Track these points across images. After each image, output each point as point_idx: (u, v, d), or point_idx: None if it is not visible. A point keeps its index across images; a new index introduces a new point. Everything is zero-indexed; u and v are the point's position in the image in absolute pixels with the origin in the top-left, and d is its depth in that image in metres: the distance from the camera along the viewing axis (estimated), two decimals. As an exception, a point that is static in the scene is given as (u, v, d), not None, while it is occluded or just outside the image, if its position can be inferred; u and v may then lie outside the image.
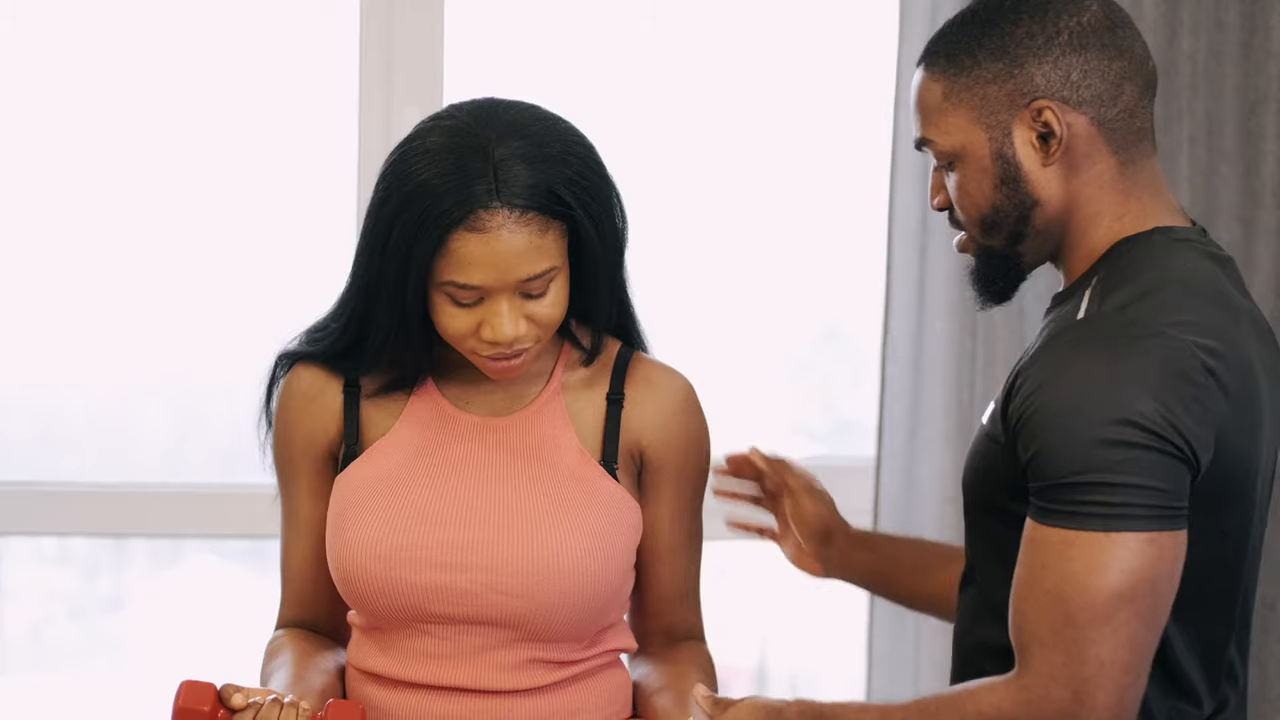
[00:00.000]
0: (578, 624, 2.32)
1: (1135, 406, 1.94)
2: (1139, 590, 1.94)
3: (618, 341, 2.41)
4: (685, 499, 2.40)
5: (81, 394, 3.90)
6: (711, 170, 3.77)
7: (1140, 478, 1.94)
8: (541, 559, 2.28)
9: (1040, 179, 2.10)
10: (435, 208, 2.19)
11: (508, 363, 2.27)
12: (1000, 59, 2.08)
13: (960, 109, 2.10)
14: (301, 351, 2.39)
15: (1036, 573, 1.97)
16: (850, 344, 3.98)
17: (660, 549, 2.40)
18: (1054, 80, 2.07)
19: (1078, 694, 1.94)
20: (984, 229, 2.13)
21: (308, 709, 2.19)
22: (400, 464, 2.34)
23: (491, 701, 2.32)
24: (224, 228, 3.76)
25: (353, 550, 2.30)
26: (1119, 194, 2.10)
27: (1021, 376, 2.03)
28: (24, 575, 3.99)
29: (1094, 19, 2.09)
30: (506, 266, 2.20)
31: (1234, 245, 3.47)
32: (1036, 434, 1.98)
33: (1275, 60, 3.45)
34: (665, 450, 2.37)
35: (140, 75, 3.73)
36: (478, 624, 2.30)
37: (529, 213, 2.20)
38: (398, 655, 2.34)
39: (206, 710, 2.16)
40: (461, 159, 2.20)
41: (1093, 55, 2.08)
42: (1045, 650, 1.95)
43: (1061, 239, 2.12)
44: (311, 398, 2.38)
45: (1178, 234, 2.10)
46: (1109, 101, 2.08)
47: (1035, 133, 2.09)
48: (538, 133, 2.23)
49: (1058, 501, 1.96)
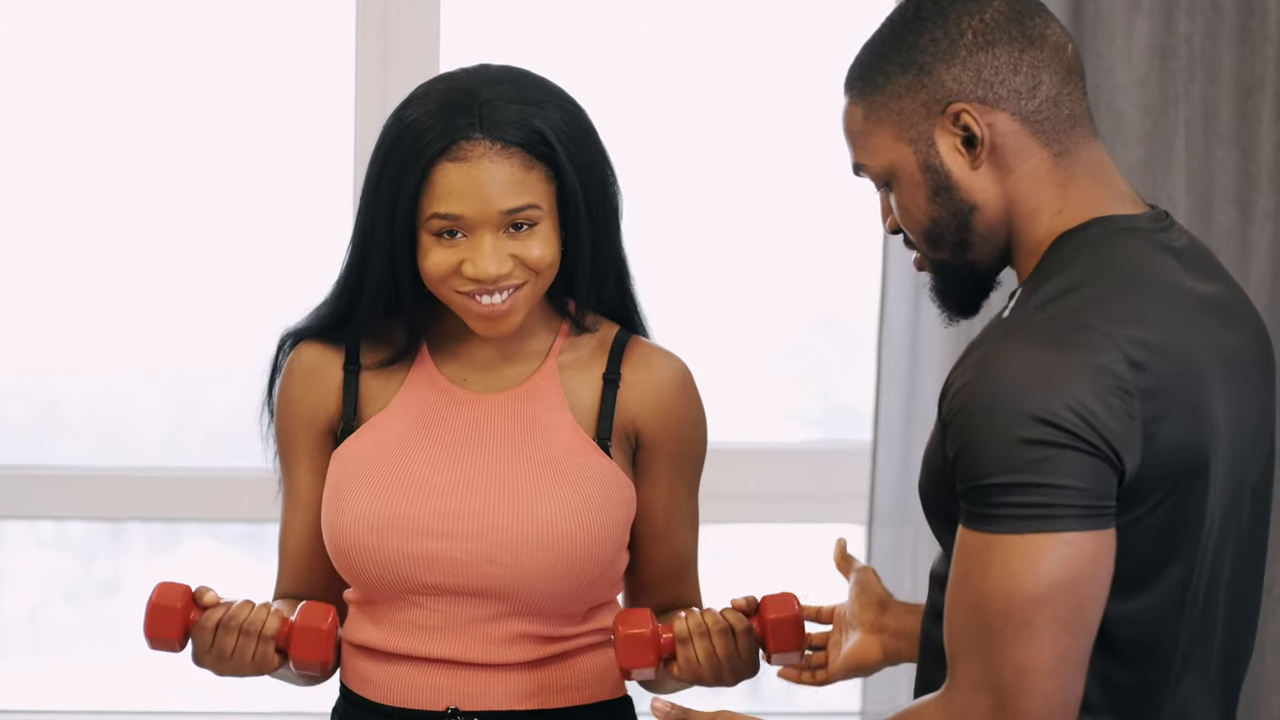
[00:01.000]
0: (568, 596, 2.33)
1: (1050, 405, 1.88)
2: (1056, 592, 1.88)
3: (616, 325, 2.42)
4: (680, 479, 2.41)
5: (79, 378, 3.90)
6: (707, 157, 3.77)
7: (1058, 478, 1.88)
8: (533, 528, 2.30)
9: (972, 183, 2.05)
10: (419, 141, 2.24)
11: (493, 306, 2.27)
12: (909, 70, 2.04)
13: (882, 127, 2.07)
14: (302, 328, 2.42)
15: (959, 581, 1.93)
16: (846, 330, 3.98)
17: (655, 527, 2.40)
18: (965, 82, 2.02)
19: (999, 703, 1.89)
20: (929, 243, 2.08)
21: (279, 610, 2.25)
22: (396, 438, 2.36)
23: (481, 674, 2.34)
24: (220, 213, 3.76)
25: (346, 521, 2.32)
26: (1056, 186, 2.05)
27: (951, 375, 1.98)
28: (21, 559, 3.99)
29: (996, 14, 2.03)
30: (488, 197, 2.23)
31: (1231, 229, 3.47)
32: (958, 435, 1.94)
33: (1272, 44, 3.45)
34: (659, 429, 2.38)
35: (137, 63, 3.73)
36: (468, 595, 2.32)
37: (512, 146, 2.24)
38: (389, 627, 2.35)
39: (179, 607, 2.22)
40: (448, 99, 2.26)
41: (1001, 50, 2.03)
42: (967, 661, 1.91)
43: (1008, 240, 2.07)
44: (312, 375, 2.40)
45: (1117, 223, 2.04)
46: (1027, 94, 2.03)
47: (958, 138, 2.04)
48: (527, 82, 2.29)
49: (979, 505, 1.91)
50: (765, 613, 2.26)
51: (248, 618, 2.25)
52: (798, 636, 2.28)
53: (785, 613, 2.27)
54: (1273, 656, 3.49)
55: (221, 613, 2.24)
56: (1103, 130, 3.45)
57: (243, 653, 2.25)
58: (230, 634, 2.24)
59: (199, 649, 2.27)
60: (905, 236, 2.13)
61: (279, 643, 2.25)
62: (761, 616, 2.27)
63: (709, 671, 2.28)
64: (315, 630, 2.24)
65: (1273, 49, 3.45)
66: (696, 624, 2.26)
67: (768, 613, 2.26)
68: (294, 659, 2.26)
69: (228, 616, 2.24)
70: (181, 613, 2.23)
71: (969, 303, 2.13)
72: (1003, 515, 1.89)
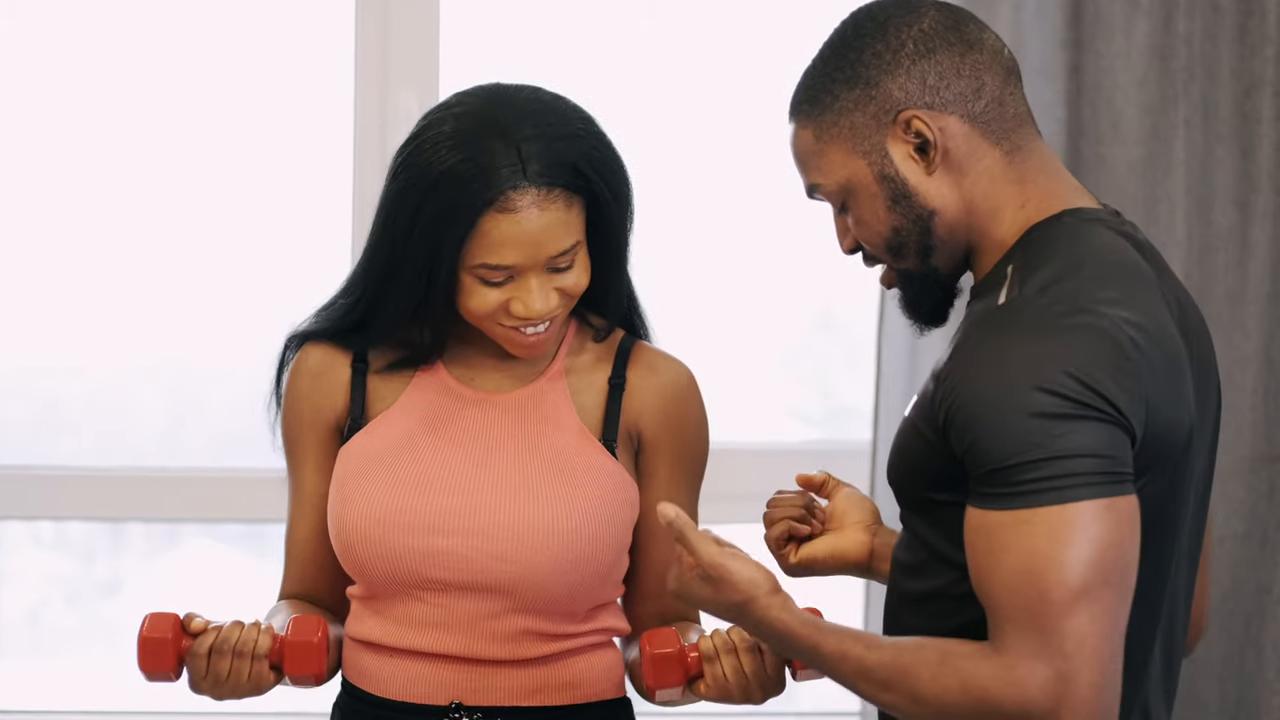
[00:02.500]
0: (572, 594, 2.35)
1: (1054, 378, 1.92)
2: (1107, 558, 1.91)
3: (621, 330, 2.45)
4: (682, 481, 2.43)
5: (79, 378, 3.90)
6: (706, 156, 3.77)
7: (1080, 446, 1.92)
8: (537, 524, 2.32)
9: (929, 189, 2.09)
10: (464, 192, 2.24)
11: (537, 335, 2.31)
12: (856, 85, 2.09)
13: (834, 144, 2.11)
14: (310, 330, 2.43)
15: (996, 556, 1.94)
16: (846, 329, 3.98)
17: (656, 530, 2.41)
18: (912, 90, 2.08)
19: (1060, 673, 1.90)
20: (892, 253, 2.13)
21: (269, 627, 2.25)
22: (403, 435, 2.38)
23: (483, 670, 2.35)
24: (220, 212, 3.76)
25: (353, 517, 2.34)
26: (1013, 183, 2.10)
27: (945, 368, 2.01)
28: (21, 559, 3.99)
29: (933, 23, 2.09)
30: (537, 244, 2.25)
31: (1230, 229, 3.47)
32: (970, 423, 1.96)
33: (1271, 43, 3.45)
34: (662, 432, 2.41)
35: (136, 62, 3.73)
36: (472, 590, 2.33)
37: (554, 189, 2.25)
38: (393, 623, 2.36)
39: (170, 638, 2.23)
40: (484, 143, 2.25)
41: (943, 56, 2.08)
42: (1021, 631, 1.92)
43: (968, 241, 2.11)
44: (319, 374, 2.41)
45: (1087, 214, 2.09)
46: (972, 96, 2.08)
47: (910, 145, 2.08)
48: (549, 113, 2.29)
49: (1003, 485, 1.93)
50: None
51: (239, 639, 2.25)
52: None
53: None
54: (1272, 656, 3.49)
55: (213, 637, 2.25)
56: (1102, 130, 3.45)
57: (238, 674, 2.25)
58: (224, 657, 2.25)
59: (194, 676, 2.27)
60: (865, 254, 2.17)
61: (272, 659, 2.26)
62: None
63: (737, 689, 2.27)
64: (307, 644, 2.25)
65: (1272, 48, 3.45)
66: (723, 642, 2.26)
67: None
68: (289, 674, 2.27)
69: (219, 640, 2.25)
70: (173, 643, 2.23)
71: (938, 311, 2.17)
72: (1037, 489, 1.92)
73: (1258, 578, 3.49)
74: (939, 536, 2.07)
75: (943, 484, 2.03)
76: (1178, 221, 3.44)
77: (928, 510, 2.07)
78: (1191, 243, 3.45)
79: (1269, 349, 3.47)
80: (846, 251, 2.19)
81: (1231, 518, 3.48)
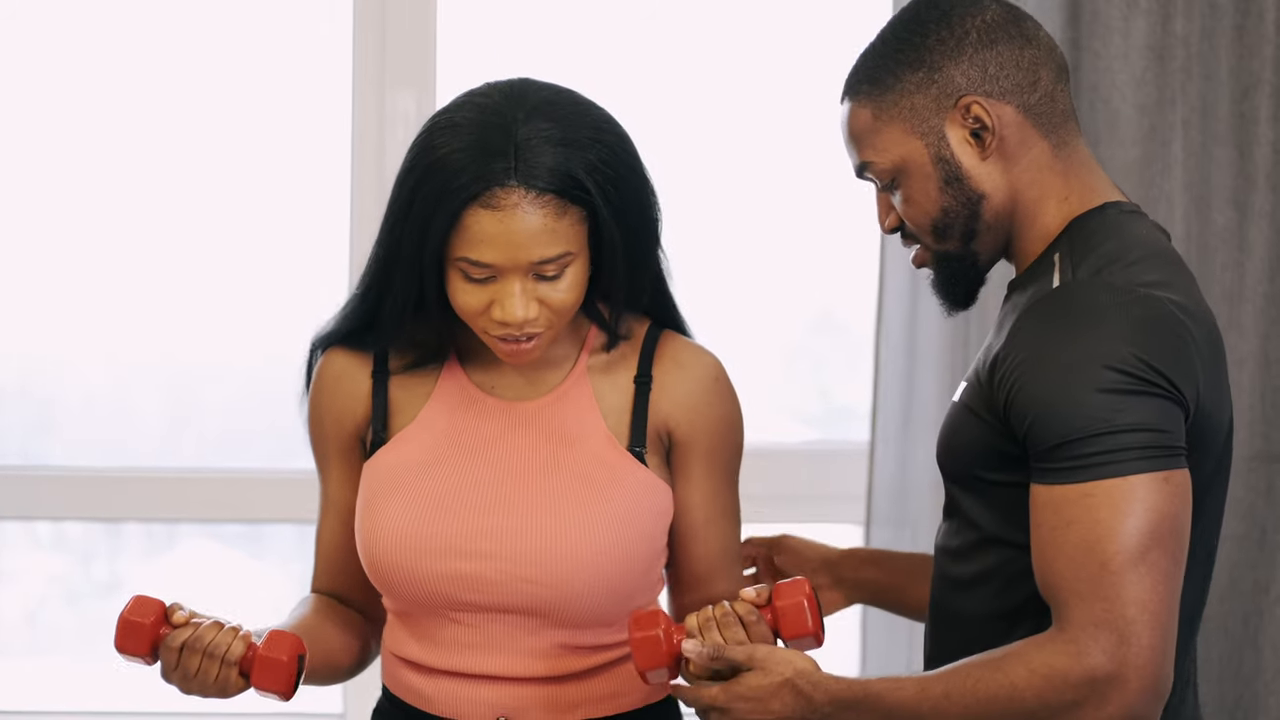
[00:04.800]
0: (604, 610, 2.32)
1: (1120, 355, 2.00)
2: (1164, 528, 1.98)
3: (647, 320, 2.39)
4: (718, 477, 2.38)
5: (77, 379, 3.90)
6: (705, 156, 3.77)
7: (1140, 421, 1.99)
8: (566, 548, 2.29)
9: (981, 173, 2.17)
10: (452, 182, 2.19)
11: (518, 346, 2.26)
12: (919, 69, 2.17)
13: (892, 125, 2.18)
14: (330, 333, 2.40)
15: (1060, 531, 2.00)
16: (844, 330, 3.98)
17: (694, 526, 2.38)
18: (973, 77, 2.16)
19: (1123, 637, 1.97)
20: (937, 234, 2.20)
21: (247, 634, 2.23)
22: (426, 450, 2.34)
23: (525, 688, 2.33)
24: (218, 212, 3.76)
25: (380, 539, 2.32)
26: (1059, 175, 2.18)
27: (1003, 351, 2.08)
28: (19, 559, 3.99)
29: (996, 15, 2.17)
30: (519, 246, 2.20)
31: (1228, 228, 3.47)
32: (1032, 402, 2.03)
33: (1269, 44, 3.45)
34: (693, 430, 2.36)
35: (136, 64, 3.73)
36: (505, 612, 2.31)
37: (546, 194, 2.19)
38: (430, 644, 2.35)
39: (149, 623, 2.23)
40: (484, 135, 2.20)
41: (1004, 47, 2.16)
42: (1083, 602, 1.98)
43: (1011, 229, 2.19)
44: (340, 382, 2.39)
45: (1125, 207, 2.17)
46: (1029, 88, 2.16)
47: (968, 130, 2.16)
48: (567, 115, 2.23)
49: (1066, 460, 2.01)
50: (776, 599, 2.22)
51: (213, 640, 2.22)
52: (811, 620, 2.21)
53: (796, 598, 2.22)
54: (1271, 656, 3.49)
55: (188, 633, 2.22)
56: (1100, 130, 3.45)
57: (205, 674, 2.23)
58: (194, 655, 2.22)
59: (165, 667, 2.25)
60: (905, 232, 2.24)
61: (243, 667, 2.24)
62: (773, 604, 2.23)
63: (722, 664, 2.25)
64: (276, 662, 2.23)
65: (1270, 49, 3.45)
66: (705, 618, 2.23)
67: (778, 599, 2.22)
68: (254, 685, 2.26)
69: (193, 638, 2.22)
70: (151, 629, 2.23)
71: (971, 294, 2.24)
72: (1098, 463, 1.99)
73: (1255, 577, 3.50)
74: (991, 517, 2.13)
75: (997, 464, 2.10)
76: (1175, 221, 3.44)
77: (980, 491, 2.14)
78: (1189, 242, 3.45)
79: (1266, 348, 3.48)
80: (887, 230, 2.25)
81: (1229, 517, 3.48)
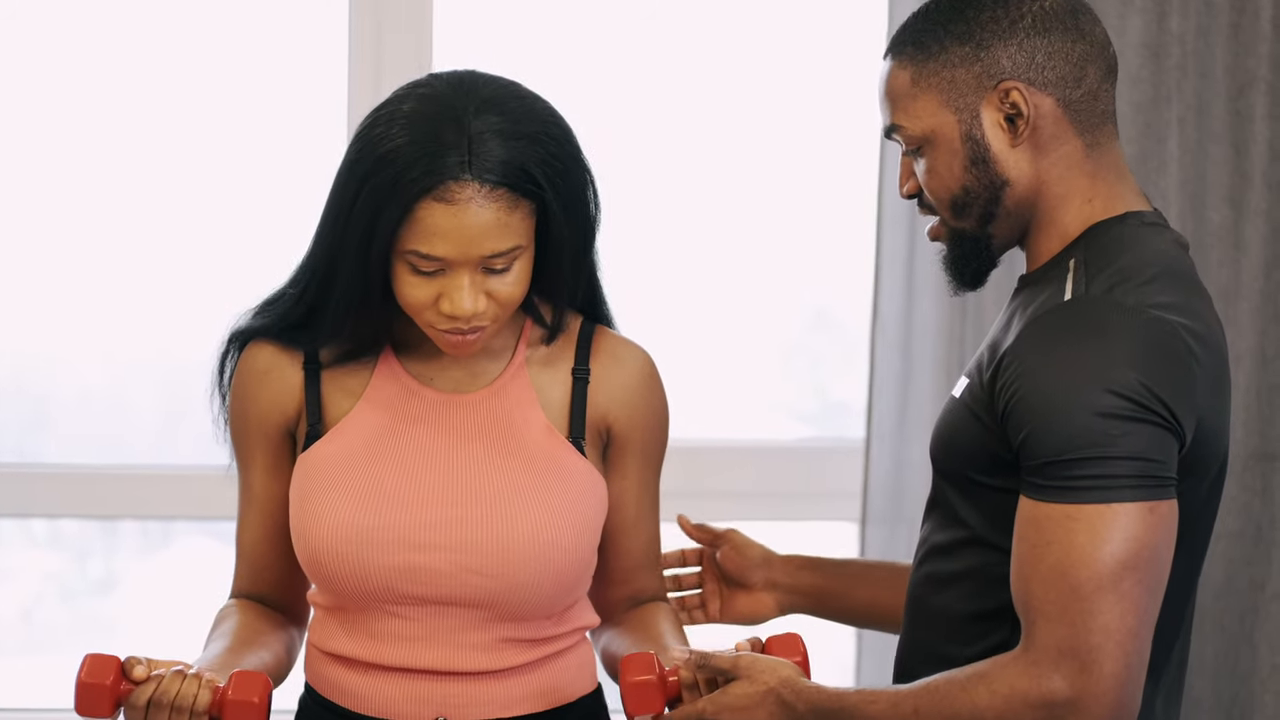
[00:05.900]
0: (550, 600, 2.31)
1: (1123, 380, 1.97)
2: (1142, 558, 1.96)
3: (579, 315, 2.39)
4: (650, 471, 2.40)
5: (72, 376, 3.90)
6: (701, 154, 3.77)
7: (1133, 449, 1.97)
8: (514, 539, 2.27)
9: (1009, 159, 2.14)
10: (405, 175, 2.17)
11: (463, 338, 2.25)
12: (966, 43, 2.13)
13: (929, 93, 2.15)
14: (255, 327, 2.37)
15: (1040, 550, 1.99)
16: (840, 327, 3.98)
17: (626, 520, 2.39)
18: (1020, 62, 2.12)
19: (1084, 664, 1.95)
20: (955, 211, 2.17)
21: (211, 679, 2.16)
22: (365, 443, 2.32)
23: (465, 684, 2.31)
24: (214, 206, 3.76)
25: (322, 532, 2.28)
26: (1086, 175, 2.14)
27: (1008, 358, 2.05)
28: (14, 557, 3.99)
29: (1055, 4, 2.14)
30: (471, 240, 2.18)
31: (1223, 227, 3.48)
32: (1029, 414, 2.01)
33: (1264, 41, 3.45)
34: (631, 424, 2.37)
35: (132, 62, 3.73)
36: (449, 604, 2.29)
37: (499, 188, 2.18)
38: (366, 638, 2.32)
39: (109, 683, 2.16)
40: (436, 127, 2.18)
41: (1056, 38, 2.12)
42: (1050, 624, 1.97)
43: (1030, 220, 2.16)
44: (268, 374, 2.36)
45: (1147, 218, 2.14)
46: (1073, 83, 2.13)
47: (1003, 114, 2.13)
48: (515, 110, 2.21)
49: (1055, 478, 1.99)
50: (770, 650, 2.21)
51: (179, 692, 2.14)
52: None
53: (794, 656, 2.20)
54: (1267, 653, 3.50)
55: (152, 688, 2.15)
56: (1096, 127, 3.45)
57: None
58: (162, 711, 2.15)
59: None
60: (921, 201, 2.21)
61: (212, 710, 2.16)
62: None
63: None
64: (248, 704, 2.16)
65: (1265, 46, 3.45)
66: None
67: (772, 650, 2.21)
68: None
69: (159, 693, 2.14)
70: (110, 689, 2.15)
71: (980, 275, 2.21)
72: (1086, 486, 1.97)
73: (1251, 574, 3.50)
74: (979, 518, 2.12)
75: (990, 468, 2.09)
76: (1171, 219, 3.44)
77: (970, 491, 2.12)
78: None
79: (1263, 346, 3.48)
80: (905, 195, 2.23)
81: (1225, 515, 3.48)
